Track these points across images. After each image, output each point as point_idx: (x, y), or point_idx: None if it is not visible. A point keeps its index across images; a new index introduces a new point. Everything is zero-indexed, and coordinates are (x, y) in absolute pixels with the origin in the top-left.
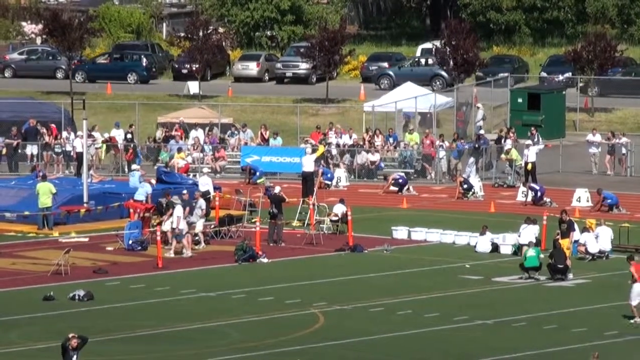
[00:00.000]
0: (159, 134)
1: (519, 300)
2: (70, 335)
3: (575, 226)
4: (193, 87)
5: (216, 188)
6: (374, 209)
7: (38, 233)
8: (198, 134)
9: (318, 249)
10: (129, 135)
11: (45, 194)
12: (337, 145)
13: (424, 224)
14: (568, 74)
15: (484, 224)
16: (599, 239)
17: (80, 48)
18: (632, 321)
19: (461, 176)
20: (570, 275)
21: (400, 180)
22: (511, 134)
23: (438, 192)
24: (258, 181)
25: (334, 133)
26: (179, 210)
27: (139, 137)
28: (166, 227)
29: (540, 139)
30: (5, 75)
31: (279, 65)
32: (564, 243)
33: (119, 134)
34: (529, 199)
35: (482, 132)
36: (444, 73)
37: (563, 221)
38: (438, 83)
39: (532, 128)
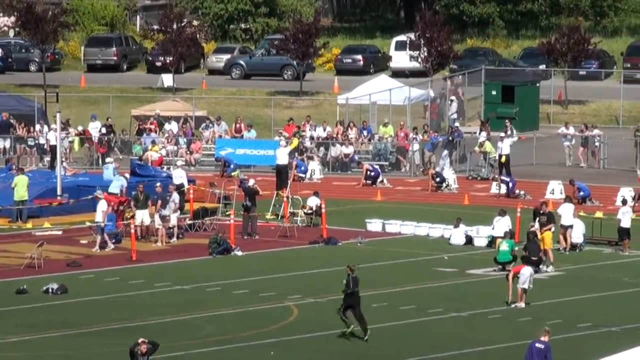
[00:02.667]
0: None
1: (493, 292)
2: (140, 340)
3: (555, 218)
4: (167, 79)
5: (190, 181)
6: (348, 201)
7: (11, 226)
8: (172, 126)
9: (292, 241)
10: (103, 130)
11: (23, 187)
12: (311, 138)
13: (398, 216)
14: (542, 66)
15: (458, 217)
16: (572, 231)
17: (53, 41)
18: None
19: (433, 169)
20: (551, 268)
21: (373, 173)
22: (486, 127)
23: (412, 184)
24: (232, 174)
25: (309, 126)
26: (102, 205)
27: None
28: (145, 220)
29: (514, 131)
30: None
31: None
32: (547, 236)
33: (95, 127)
34: (503, 191)
35: (457, 124)
36: (294, 63)
37: (543, 213)
38: (289, 73)
39: (507, 120)
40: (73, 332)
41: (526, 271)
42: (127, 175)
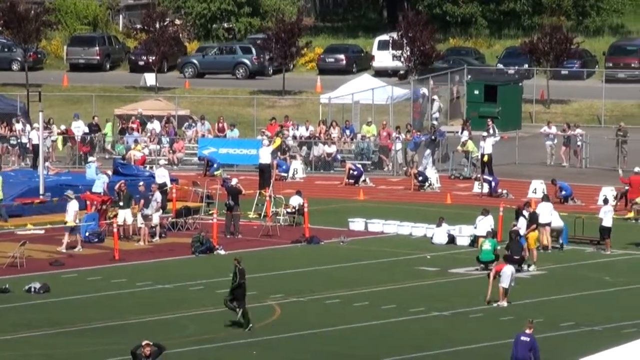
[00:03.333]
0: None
1: (475, 291)
2: (144, 343)
3: (544, 218)
4: (150, 79)
5: (173, 180)
6: (331, 200)
7: None
8: (155, 125)
9: (274, 240)
10: (87, 129)
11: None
12: (294, 137)
13: (380, 215)
14: (525, 66)
15: (441, 216)
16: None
17: (36, 40)
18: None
19: (415, 168)
20: (533, 267)
21: (355, 172)
22: (467, 126)
23: (395, 183)
24: (215, 173)
25: (292, 126)
26: (73, 204)
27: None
28: (127, 219)
29: (497, 130)
30: None
31: None
32: (532, 236)
33: (78, 126)
34: (485, 190)
35: (435, 122)
36: (247, 61)
37: (527, 213)
38: (241, 71)
39: (489, 120)
40: (56, 331)
41: (507, 270)
42: (109, 172)
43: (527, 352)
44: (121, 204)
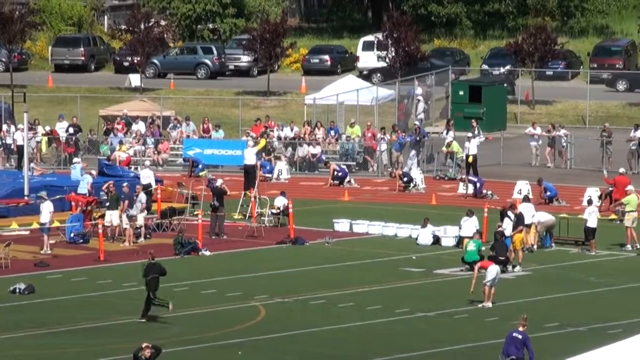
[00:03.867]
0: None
1: (460, 292)
2: (144, 345)
3: (526, 219)
4: (135, 79)
5: (158, 181)
6: (316, 201)
7: None
8: (139, 126)
9: (259, 241)
10: (70, 129)
11: None
12: (279, 138)
13: (365, 216)
14: (509, 67)
15: (426, 217)
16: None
17: (21, 41)
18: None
19: (401, 169)
20: (518, 268)
21: (340, 173)
22: (449, 125)
23: (380, 184)
24: (200, 174)
25: (275, 126)
26: (47, 205)
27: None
28: (114, 221)
29: (481, 131)
30: None
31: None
32: (518, 238)
33: (62, 126)
34: (470, 191)
35: (417, 123)
36: (208, 61)
37: (514, 215)
38: (202, 71)
39: (473, 120)
40: (41, 332)
41: (493, 269)
42: (94, 172)
43: (520, 348)
44: (107, 204)
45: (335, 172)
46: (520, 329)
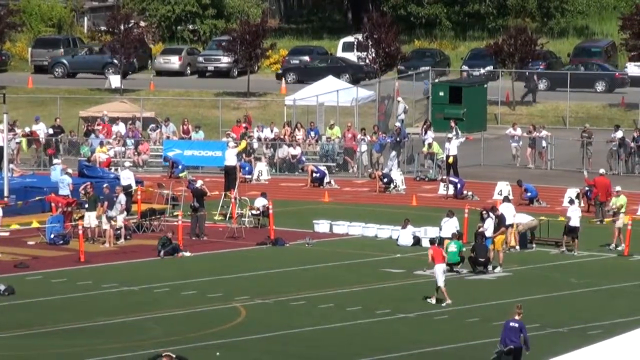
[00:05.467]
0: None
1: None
2: (164, 354)
3: (508, 221)
4: (114, 81)
5: (138, 182)
6: (296, 202)
7: None
8: (119, 127)
9: (240, 242)
10: (51, 130)
11: None
12: (259, 139)
13: (346, 217)
14: (489, 67)
15: (406, 218)
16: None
17: (0, 42)
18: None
19: (380, 171)
20: (498, 269)
21: (318, 174)
22: (427, 124)
23: (360, 185)
24: (180, 175)
25: (256, 128)
26: None
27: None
28: (93, 222)
29: (459, 132)
30: None
31: (200, 59)
32: (500, 239)
33: (39, 128)
34: (451, 192)
35: (398, 124)
36: (115, 61)
37: (495, 216)
38: (110, 70)
39: (451, 121)
40: (22, 333)
41: (439, 269)
42: (70, 171)
43: (517, 336)
44: (87, 206)
45: (313, 174)
46: (517, 317)
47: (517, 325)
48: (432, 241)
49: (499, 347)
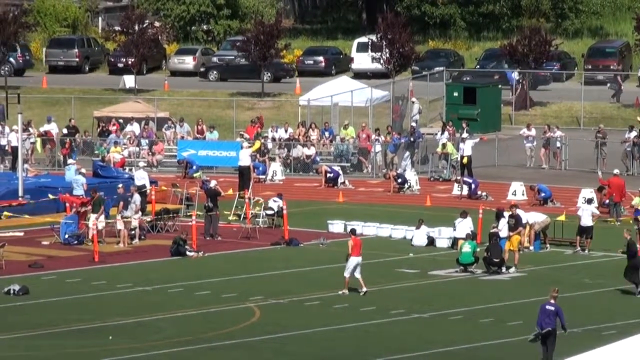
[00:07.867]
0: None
1: (455, 293)
2: None
3: (523, 221)
4: (129, 81)
5: (152, 182)
6: (310, 202)
7: None
8: (134, 128)
9: (254, 242)
10: (65, 131)
11: None
12: (273, 139)
13: (360, 217)
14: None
15: (420, 218)
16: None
17: (15, 42)
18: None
19: (394, 171)
20: (513, 269)
21: (332, 174)
22: (449, 128)
23: (374, 185)
24: (194, 175)
25: (270, 128)
26: None
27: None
28: (99, 225)
29: (471, 132)
30: None
31: (215, 59)
32: (515, 239)
33: (51, 128)
34: (465, 192)
35: (413, 124)
36: (12, 59)
37: (512, 216)
38: (6, 69)
39: (463, 122)
40: (35, 334)
41: (352, 262)
42: (84, 171)
43: (553, 319)
44: (89, 208)
45: (327, 174)
46: (552, 301)
47: (553, 308)
48: (352, 231)
49: (537, 329)
